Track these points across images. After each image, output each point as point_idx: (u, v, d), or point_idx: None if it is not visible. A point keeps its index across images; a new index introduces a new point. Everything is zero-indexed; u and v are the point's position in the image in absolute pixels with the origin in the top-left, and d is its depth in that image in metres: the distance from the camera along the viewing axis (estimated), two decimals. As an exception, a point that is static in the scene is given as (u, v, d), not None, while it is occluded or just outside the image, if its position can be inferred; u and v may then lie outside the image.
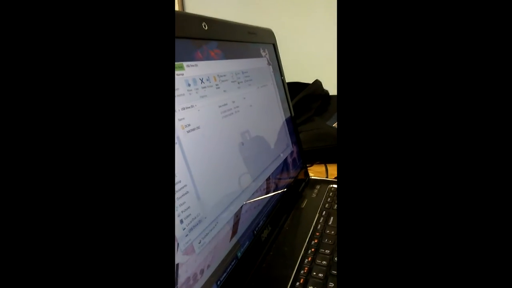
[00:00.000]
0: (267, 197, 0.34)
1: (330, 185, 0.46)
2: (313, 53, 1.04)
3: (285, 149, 0.41)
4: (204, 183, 0.23)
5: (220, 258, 0.24)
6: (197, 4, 1.18)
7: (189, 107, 0.24)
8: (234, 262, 0.26)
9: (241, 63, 0.33)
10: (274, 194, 0.36)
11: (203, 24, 0.27)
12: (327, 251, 0.31)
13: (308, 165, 0.55)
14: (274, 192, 0.36)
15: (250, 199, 0.30)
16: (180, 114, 0.22)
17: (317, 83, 0.75)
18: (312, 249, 0.32)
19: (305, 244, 0.33)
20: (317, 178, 0.49)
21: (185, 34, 0.25)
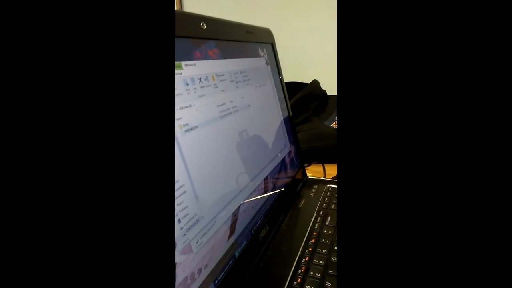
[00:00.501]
0: (265, 196, 0.34)
1: (328, 185, 0.46)
2: (311, 53, 1.04)
3: (283, 149, 0.41)
4: (202, 182, 0.23)
5: (217, 257, 0.24)
6: (195, 3, 1.18)
7: (187, 107, 0.23)
8: (231, 262, 0.26)
9: (240, 62, 0.33)
10: (271, 194, 0.36)
11: (202, 23, 0.27)
12: (325, 251, 0.31)
13: (306, 165, 0.55)
14: (272, 191, 0.36)
15: (248, 199, 0.30)
16: (178, 113, 0.22)
17: (315, 83, 0.76)
18: (310, 249, 0.32)
19: (303, 243, 0.33)
20: (315, 178, 0.50)
21: (184, 34, 0.25)
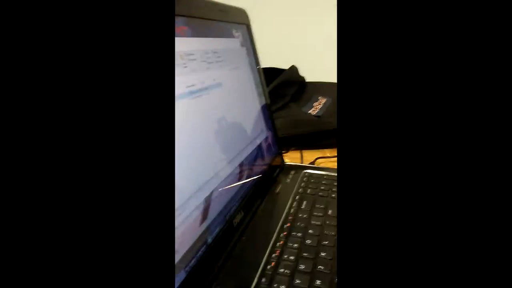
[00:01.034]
0: (241, 182, 0.33)
1: (305, 171, 0.46)
2: (290, 38, 1.02)
3: (259, 134, 0.40)
4: (170, 166, 0.22)
5: (188, 243, 0.24)
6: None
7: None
8: (204, 248, 0.25)
9: (211, 42, 0.32)
10: (247, 179, 0.35)
11: (168, -3, 0.25)
12: (299, 234, 0.31)
13: (283, 151, 0.55)
14: (247, 177, 0.35)
15: (222, 184, 0.29)
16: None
17: (293, 69, 0.75)
18: (285, 233, 0.32)
19: (278, 228, 0.33)
20: (292, 163, 0.49)
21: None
